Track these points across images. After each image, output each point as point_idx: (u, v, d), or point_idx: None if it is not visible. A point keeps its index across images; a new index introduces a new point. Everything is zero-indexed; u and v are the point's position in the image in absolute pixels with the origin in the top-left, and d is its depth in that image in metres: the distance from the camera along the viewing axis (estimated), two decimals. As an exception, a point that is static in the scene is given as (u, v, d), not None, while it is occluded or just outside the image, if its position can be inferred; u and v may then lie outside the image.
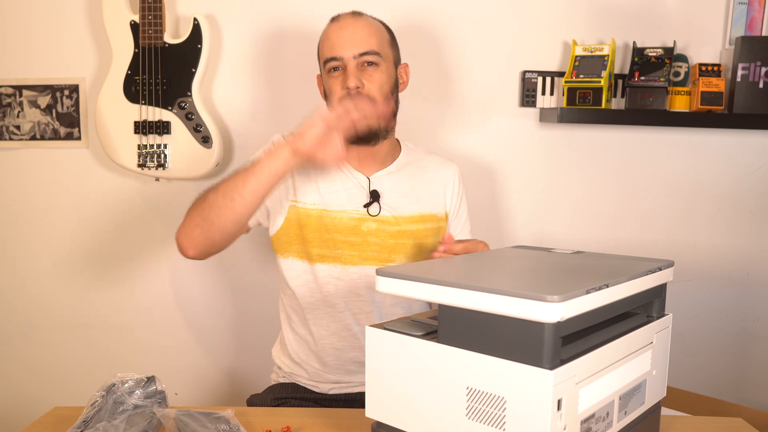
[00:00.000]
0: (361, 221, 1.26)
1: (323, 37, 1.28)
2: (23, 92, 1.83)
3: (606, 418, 0.77)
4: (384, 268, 0.80)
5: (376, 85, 1.23)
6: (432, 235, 1.33)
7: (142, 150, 1.72)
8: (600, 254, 0.95)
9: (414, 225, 1.29)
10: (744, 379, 1.92)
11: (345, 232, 1.25)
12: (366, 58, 1.23)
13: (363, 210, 1.26)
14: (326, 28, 1.28)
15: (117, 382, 0.96)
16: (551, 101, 1.80)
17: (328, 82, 1.26)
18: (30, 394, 1.95)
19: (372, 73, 1.24)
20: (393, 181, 1.31)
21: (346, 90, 1.21)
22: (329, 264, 1.25)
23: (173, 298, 1.90)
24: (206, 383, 1.94)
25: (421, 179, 1.34)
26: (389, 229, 1.27)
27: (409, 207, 1.30)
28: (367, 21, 1.27)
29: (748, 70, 1.69)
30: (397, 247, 1.28)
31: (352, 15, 1.27)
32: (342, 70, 1.24)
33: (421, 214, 1.31)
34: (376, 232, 1.26)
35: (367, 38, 1.24)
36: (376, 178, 1.30)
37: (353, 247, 1.25)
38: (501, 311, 0.68)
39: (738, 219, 1.86)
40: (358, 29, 1.24)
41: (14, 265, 1.90)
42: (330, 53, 1.24)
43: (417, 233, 1.30)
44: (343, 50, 1.22)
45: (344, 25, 1.25)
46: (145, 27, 1.68)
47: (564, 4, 1.79)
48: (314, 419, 1.00)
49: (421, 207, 1.31)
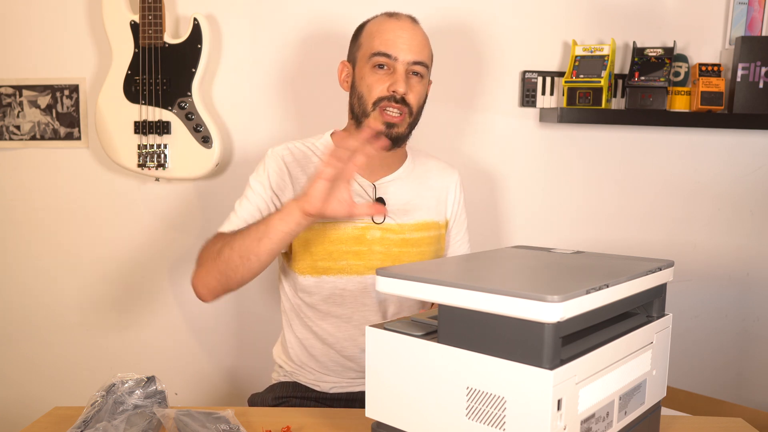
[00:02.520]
0: (366, 230, 1.25)
1: (376, 28, 1.24)
2: (23, 92, 1.83)
3: (606, 418, 0.77)
4: (384, 268, 0.80)
5: (416, 97, 1.23)
6: (434, 243, 1.32)
7: (142, 150, 1.72)
8: (600, 254, 0.95)
9: (417, 233, 1.29)
10: (744, 379, 1.92)
11: (349, 242, 1.24)
12: (416, 68, 1.22)
13: (368, 218, 1.25)
14: (381, 21, 1.24)
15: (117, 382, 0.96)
16: (551, 101, 1.80)
17: (370, 77, 1.22)
18: (30, 394, 1.95)
19: (416, 84, 1.23)
20: (398, 187, 1.30)
21: (392, 93, 1.20)
22: (334, 276, 1.24)
23: (173, 298, 1.90)
24: (206, 383, 1.94)
25: (424, 186, 1.33)
26: (393, 238, 1.26)
27: (412, 215, 1.29)
28: (423, 31, 1.26)
29: (748, 70, 1.69)
30: (401, 256, 1.26)
31: (411, 19, 1.26)
32: (389, 69, 1.22)
33: (425, 222, 1.30)
34: (380, 241, 1.25)
35: (422, 48, 1.23)
36: (382, 184, 1.28)
37: (358, 257, 1.24)
38: (501, 311, 0.68)
39: (738, 219, 1.86)
40: (417, 36, 1.23)
41: (14, 265, 1.90)
42: (384, 48, 1.20)
43: (420, 241, 1.29)
44: (400, 51, 1.20)
45: (404, 27, 1.23)
46: (145, 27, 1.68)
47: (564, 4, 1.79)
48: (314, 419, 1.00)
49: (424, 214, 1.31)
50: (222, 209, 1.84)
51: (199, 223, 1.87)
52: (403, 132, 1.24)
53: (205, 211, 1.86)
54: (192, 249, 1.87)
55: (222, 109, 1.83)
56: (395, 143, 1.25)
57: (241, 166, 1.84)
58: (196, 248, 1.85)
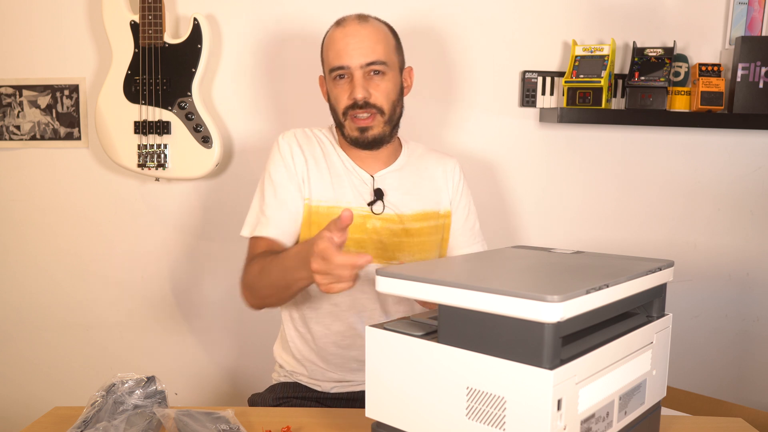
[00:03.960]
0: (366, 219, 1.26)
1: (328, 41, 1.25)
2: (23, 92, 1.83)
3: (606, 418, 0.77)
4: (384, 267, 0.80)
5: (382, 95, 1.23)
6: (435, 233, 1.33)
7: (142, 150, 1.72)
8: (600, 254, 0.95)
9: (417, 223, 1.30)
10: (744, 379, 1.92)
11: (351, 228, 1.24)
12: (373, 68, 1.22)
13: (367, 208, 1.26)
14: (331, 33, 1.25)
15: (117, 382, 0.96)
16: (551, 101, 1.80)
17: (334, 89, 1.25)
18: (30, 394, 1.95)
19: (379, 82, 1.23)
20: (396, 179, 1.31)
21: (353, 100, 1.21)
22: None
23: (173, 298, 1.90)
24: (206, 383, 1.94)
25: (422, 176, 1.34)
26: (393, 228, 1.27)
27: (411, 205, 1.30)
28: (374, 27, 1.24)
29: (748, 70, 1.69)
30: (401, 245, 1.28)
31: (358, 20, 1.24)
32: (348, 78, 1.23)
33: (424, 212, 1.31)
34: (380, 231, 1.26)
35: (374, 46, 1.22)
36: (380, 176, 1.30)
37: (357, 245, 1.25)
38: (501, 311, 0.68)
39: (738, 219, 1.86)
40: (365, 37, 1.22)
41: (14, 265, 1.90)
42: (336, 61, 1.22)
43: (421, 231, 1.30)
44: (350, 59, 1.21)
45: (350, 32, 1.22)
46: (145, 27, 1.68)
47: (564, 4, 1.79)
48: (314, 419, 1.00)
49: (424, 205, 1.32)
50: (222, 209, 1.85)
51: (199, 223, 1.87)
52: (381, 132, 1.24)
53: (205, 211, 1.86)
54: (192, 249, 1.88)
55: (222, 109, 1.83)
56: (376, 144, 1.26)
57: (241, 166, 1.84)
58: (196, 248, 1.88)
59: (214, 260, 1.87)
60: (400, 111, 1.29)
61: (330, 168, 1.28)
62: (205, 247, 1.87)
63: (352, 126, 1.24)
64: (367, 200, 1.27)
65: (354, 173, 1.29)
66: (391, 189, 1.29)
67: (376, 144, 1.26)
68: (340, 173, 1.28)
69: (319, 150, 1.29)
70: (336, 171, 1.28)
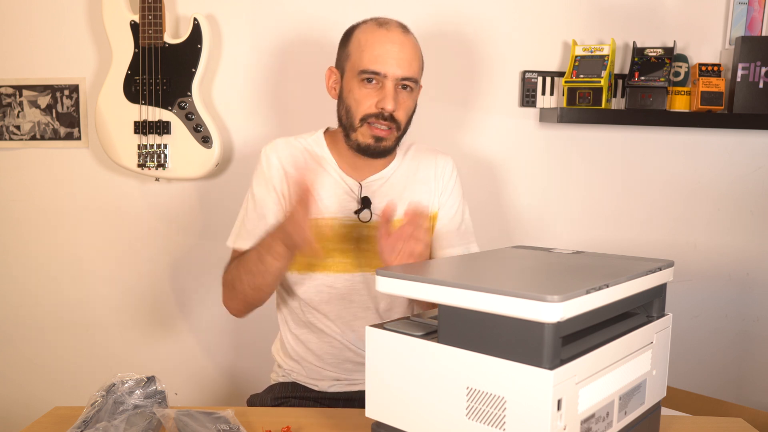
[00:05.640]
0: (353, 228, 1.24)
1: (365, 39, 1.18)
2: (23, 92, 1.83)
3: (606, 418, 0.77)
4: (384, 267, 0.80)
5: (405, 111, 1.21)
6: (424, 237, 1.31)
7: (142, 150, 1.72)
8: (600, 254, 0.95)
9: None
10: (744, 379, 1.92)
11: (336, 240, 1.24)
12: (405, 83, 1.19)
13: (354, 217, 1.24)
14: (371, 31, 1.18)
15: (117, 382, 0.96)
16: (551, 101, 1.80)
17: (358, 91, 1.19)
18: (30, 394, 1.95)
19: (406, 98, 1.20)
20: (385, 185, 1.28)
21: (380, 110, 1.17)
22: (322, 273, 1.24)
23: (173, 297, 1.90)
24: (206, 383, 1.94)
25: (413, 179, 1.31)
26: None
27: (400, 210, 1.26)
28: (414, 42, 1.21)
29: (748, 70, 1.69)
30: None
31: (401, 29, 1.19)
32: (378, 84, 1.18)
33: None
34: (367, 239, 1.25)
35: (411, 61, 1.19)
36: (368, 183, 1.27)
37: (345, 255, 1.24)
38: (501, 311, 0.68)
39: (738, 219, 1.86)
40: (407, 49, 1.18)
41: (14, 265, 1.90)
42: (372, 65, 1.16)
43: None
44: (389, 67, 1.16)
45: (393, 40, 1.17)
46: (145, 27, 1.68)
47: (564, 4, 1.79)
48: (314, 419, 1.00)
49: None
50: (222, 209, 1.85)
51: (199, 223, 1.87)
52: (392, 145, 1.23)
53: (205, 211, 1.86)
54: (192, 249, 1.88)
55: (222, 109, 1.83)
56: (384, 155, 1.24)
57: (241, 166, 1.84)
58: (196, 248, 1.88)
59: (214, 260, 1.87)
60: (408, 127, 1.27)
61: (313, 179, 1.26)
62: (205, 247, 1.87)
63: (367, 133, 1.19)
64: (354, 209, 1.25)
65: (340, 182, 1.26)
66: (379, 195, 1.27)
67: (384, 155, 1.23)
68: (324, 184, 1.25)
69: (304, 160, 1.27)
70: (320, 182, 1.25)
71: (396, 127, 1.20)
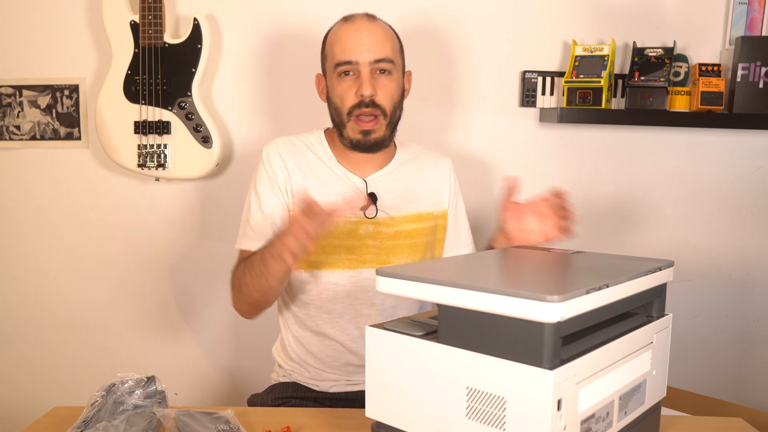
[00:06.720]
0: (359, 225, 1.25)
1: (334, 37, 1.23)
2: (23, 92, 1.83)
3: (606, 418, 0.77)
4: (384, 268, 0.80)
5: (387, 95, 1.22)
6: (428, 234, 1.32)
7: (142, 150, 1.72)
8: (600, 254, 0.95)
9: (410, 225, 1.29)
10: (744, 379, 1.92)
11: (341, 236, 1.24)
12: (380, 66, 1.20)
13: (360, 213, 1.25)
14: (338, 28, 1.24)
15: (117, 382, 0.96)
16: (551, 101, 1.80)
17: (339, 86, 1.22)
18: (30, 394, 1.95)
19: (385, 82, 1.21)
20: (389, 182, 1.30)
21: (360, 97, 1.19)
22: (327, 270, 1.25)
23: (173, 297, 1.90)
24: (206, 383, 1.94)
25: (416, 178, 1.33)
26: (386, 231, 1.27)
27: (405, 207, 1.29)
28: (382, 26, 1.24)
29: (748, 70, 1.69)
30: (394, 248, 1.27)
31: (366, 17, 1.23)
32: (354, 75, 1.20)
33: (418, 213, 1.31)
34: (373, 235, 1.26)
35: (382, 44, 1.20)
36: (373, 179, 1.29)
37: (350, 251, 1.25)
38: (501, 311, 0.68)
39: (738, 219, 1.86)
40: (374, 34, 1.20)
41: (14, 265, 1.90)
42: (343, 56, 1.19)
43: (413, 233, 1.29)
44: (359, 54, 1.19)
45: (360, 28, 1.20)
46: (145, 27, 1.68)
47: (564, 4, 1.79)
48: (314, 419, 1.00)
49: (417, 206, 1.31)
50: (222, 209, 1.85)
51: (199, 223, 1.87)
52: (382, 135, 1.23)
53: (205, 211, 1.86)
54: (192, 249, 1.88)
55: (222, 109, 1.83)
56: (377, 147, 1.25)
57: (241, 166, 1.84)
58: (197, 248, 1.88)
59: (214, 260, 1.87)
60: (399, 114, 1.28)
61: (316, 177, 1.26)
62: (205, 247, 1.87)
63: (354, 128, 1.22)
64: (360, 205, 1.25)
65: (345, 179, 1.27)
66: (384, 192, 1.28)
67: (376, 147, 1.24)
68: (328, 181, 1.27)
69: (306, 158, 1.28)
70: (324, 179, 1.27)
71: (382, 114, 1.22)
